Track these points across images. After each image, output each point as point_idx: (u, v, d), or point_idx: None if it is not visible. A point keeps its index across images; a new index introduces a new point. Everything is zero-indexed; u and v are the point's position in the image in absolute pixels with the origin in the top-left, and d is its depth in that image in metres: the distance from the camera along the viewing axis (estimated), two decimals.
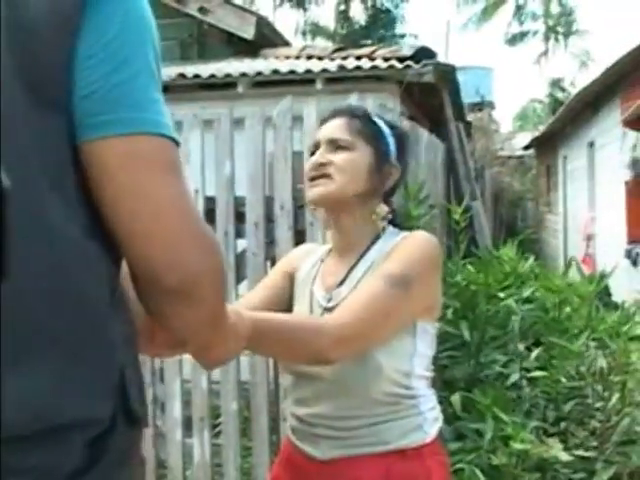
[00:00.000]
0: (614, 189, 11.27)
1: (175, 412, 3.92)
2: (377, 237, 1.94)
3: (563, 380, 3.92)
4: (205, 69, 7.98)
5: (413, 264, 1.79)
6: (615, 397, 3.81)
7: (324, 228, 2.08)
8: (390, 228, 1.97)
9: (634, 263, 10.26)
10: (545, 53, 31.33)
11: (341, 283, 1.92)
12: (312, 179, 1.92)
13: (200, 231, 1.09)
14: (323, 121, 2.03)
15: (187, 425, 3.94)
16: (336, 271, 1.95)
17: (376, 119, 2.00)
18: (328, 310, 1.89)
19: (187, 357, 3.97)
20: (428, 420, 1.88)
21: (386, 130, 1.99)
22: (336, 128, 1.95)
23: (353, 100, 3.68)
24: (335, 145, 1.92)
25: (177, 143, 1.08)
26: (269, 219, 3.79)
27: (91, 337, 1.02)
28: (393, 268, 1.77)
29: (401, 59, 7.72)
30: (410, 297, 1.77)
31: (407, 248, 1.83)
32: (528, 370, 3.97)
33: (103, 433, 1.02)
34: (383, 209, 1.97)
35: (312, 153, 1.97)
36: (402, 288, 1.74)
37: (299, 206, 3.72)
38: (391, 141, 1.98)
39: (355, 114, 1.98)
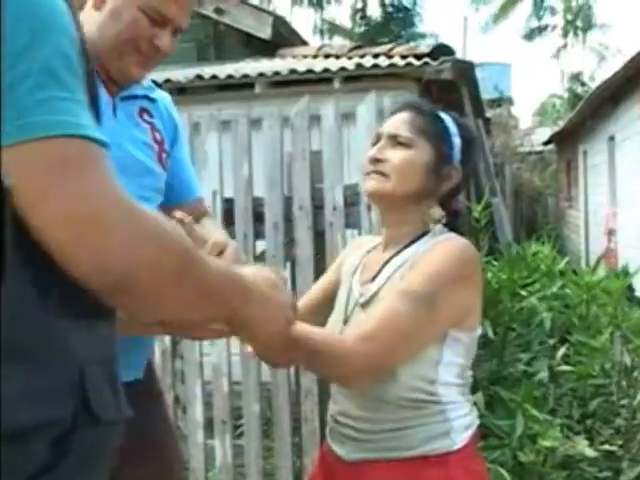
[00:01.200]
0: (635, 183, 11.18)
1: (197, 414, 3.91)
2: (420, 236, 1.90)
3: (589, 377, 3.88)
4: (222, 70, 7.98)
5: (438, 278, 1.74)
6: None
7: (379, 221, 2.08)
8: (437, 228, 1.91)
9: None
10: (564, 47, 31.18)
11: (373, 278, 1.89)
12: (368, 174, 1.91)
13: (123, 223, 1.01)
14: (391, 114, 2.00)
15: (209, 427, 3.93)
16: (374, 266, 1.93)
17: (444, 116, 1.95)
18: (360, 306, 1.88)
19: (207, 359, 3.96)
20: (456, 428, 1.82)
21: (453, 129, 1.93)
22: (399, 123, 1.91)
23: (371, 98, 3.65)
24: (395, 141, 1.89)
25: (82, 136, 1.00)
26: (288, 219, 3.77)
27: (39, 344, 1.02)
28: (416, 284, 1.73)
29: (419, 56, 7.69)
30: (435, 315, 1.73)
31: (434, 258, 1.78)
32: (553, 367, 3.94)
33: (65, 433, 1.03)
34: (436, 212, 1.91)
35: (374, 144, 1.94)
36: (426, 306, 1.70)
37: (318, 206, 3.70)
38: (456, 141, 1.92)
39: (421, 110, 1.94)
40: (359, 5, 28.96)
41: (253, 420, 3.84)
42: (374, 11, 29.15)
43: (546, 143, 21.88)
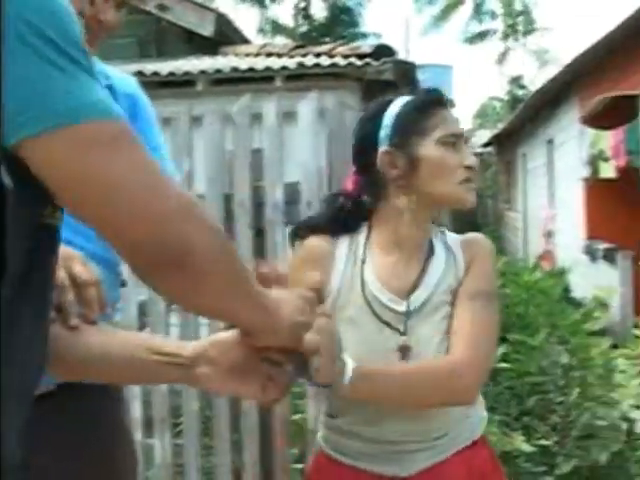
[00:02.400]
0: (573, 186, 11.36)
1: (135, 412, 3.87)
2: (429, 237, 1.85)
3: (526, 375, 3.94)
4: (164, 67, 7.92)
5: (493, 276, 1.84)
6: (575, 392, 3.83)
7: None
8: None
9: (592, 259, 10.37)
10: (505, 52, 31.49)
11: (414, 286, 1.77)
12: (466, 183, 1.77)
13: (174, 192, 1.01)
14: (439, 105, 1.79)
15: (148, 425, 3.89)
16: (399, 273, 1.79)
17: None
18: (408, 315, 1.75)
19: None
20: (483, 409, 1.95)
21: None
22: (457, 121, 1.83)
23: (312, 98, 3.66)
24: (465, 142, 1.82)
25: (113, 115, 0.97)
26: (228, 217, 3.76)
27: None
28: (482, 284, 1.78)
29: (361, 56, 7.72)
30: (497, 308, 1.82)
31: (484, 258, 1.81)
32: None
33: None
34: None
35: (452, 144, 1.76)
36: (494, 301, 1.79)
37: (258, 204, 3.70)
38: None
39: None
40: (302, 5, 28.95)
41: (192, 418, 3.81)
42: (317, 11, 29.18)
43: (486, 145, 22.15)
